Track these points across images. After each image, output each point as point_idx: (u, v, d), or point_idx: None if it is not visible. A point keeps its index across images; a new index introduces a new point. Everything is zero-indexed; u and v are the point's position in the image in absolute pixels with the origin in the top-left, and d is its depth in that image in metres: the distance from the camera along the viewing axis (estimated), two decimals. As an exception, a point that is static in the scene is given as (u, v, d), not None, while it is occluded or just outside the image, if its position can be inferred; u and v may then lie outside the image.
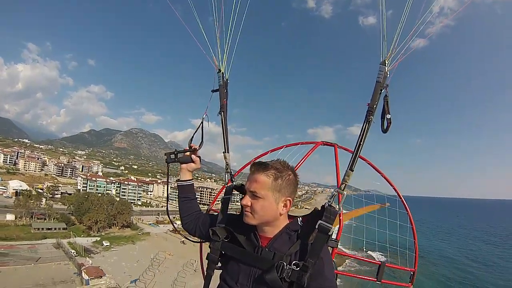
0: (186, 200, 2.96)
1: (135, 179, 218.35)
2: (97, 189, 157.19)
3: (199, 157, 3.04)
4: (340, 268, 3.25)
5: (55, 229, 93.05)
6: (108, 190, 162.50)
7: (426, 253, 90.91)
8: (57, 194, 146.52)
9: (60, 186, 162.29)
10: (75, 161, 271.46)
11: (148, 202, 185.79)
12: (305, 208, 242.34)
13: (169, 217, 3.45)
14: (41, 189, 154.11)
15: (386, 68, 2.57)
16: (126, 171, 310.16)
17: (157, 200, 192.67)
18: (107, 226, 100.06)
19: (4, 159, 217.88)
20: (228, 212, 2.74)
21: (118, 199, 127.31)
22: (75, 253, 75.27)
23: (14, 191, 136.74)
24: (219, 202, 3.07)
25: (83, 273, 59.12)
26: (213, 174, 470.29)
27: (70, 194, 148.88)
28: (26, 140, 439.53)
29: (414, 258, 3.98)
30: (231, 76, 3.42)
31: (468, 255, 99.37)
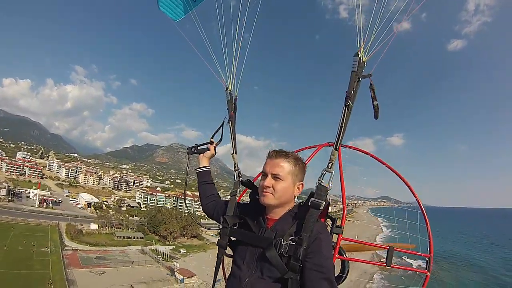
0: (204, 184, 3.46)
1: (191, 194, 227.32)
2: (157, 203, 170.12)
3: (215, 148, 3.68)
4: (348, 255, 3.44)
5: (134, 238, 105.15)
6: (166, 203, 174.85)
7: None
8: (123, 206, 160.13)
9: (125, 199, 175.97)
10: (126, 176, 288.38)
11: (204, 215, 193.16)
12: (348, 220, 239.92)
13: (185, 201, 4.39)
14: (105, 201, 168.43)
15: (362, 58, 2.98)
16: (172, 185, 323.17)
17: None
18: (179, 236, 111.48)
19: (66, 173, 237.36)
20: (239, 202, 3.16)
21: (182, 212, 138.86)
22: (160, 258, 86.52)
23: (87, 203, 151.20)
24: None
25: (176, 273, 69.65)
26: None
27: (132, 207, 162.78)
28: (76, 155, 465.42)
29: (429, 243, 3.83)
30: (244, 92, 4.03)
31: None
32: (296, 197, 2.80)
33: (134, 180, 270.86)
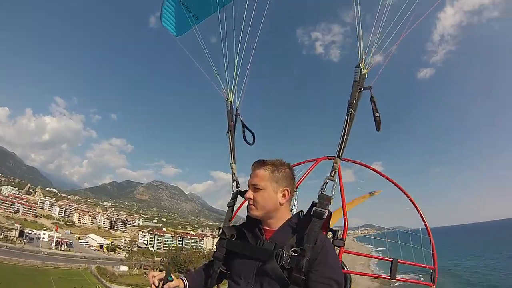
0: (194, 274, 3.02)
1: (195, 234, 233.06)
2: (165, 243, 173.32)
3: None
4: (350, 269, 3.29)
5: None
6: (173, 243, 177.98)
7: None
8: (134, 247, 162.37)
9: (136, 241, 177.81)
10: (118, 215, 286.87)
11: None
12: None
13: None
14: (111, 242, 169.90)
15: (363, 70, 3.05)
16: (160, 224, 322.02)
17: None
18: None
19: (59, 212, 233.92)
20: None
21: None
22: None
23: (99, 244, 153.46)
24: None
25: None
26: (236, 223, 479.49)
27: (141, 247, 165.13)
28: (54, 190, 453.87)
29: (432, 255, 3.82)
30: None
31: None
32: (294, 207, 3.40)
33: (127, 219, 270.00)
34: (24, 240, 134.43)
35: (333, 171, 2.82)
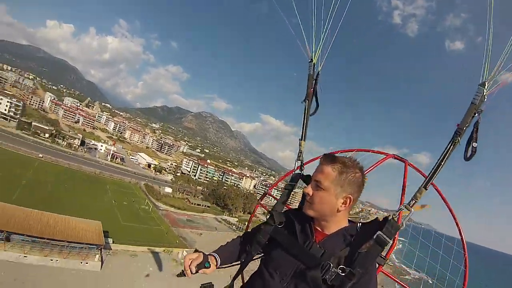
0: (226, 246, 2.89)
1: (236, 171, 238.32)
2: (206, 174, 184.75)
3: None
4: None
5: (203, 206, 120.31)
6: (214, 176, 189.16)
7: None
8: (178, 172, 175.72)
9: (181, 167, 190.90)
10: (165, 138, 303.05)
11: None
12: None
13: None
14: (158, 163, 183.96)
15: (485, 90, 2.48)
16: (203, 155, 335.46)
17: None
18: (240, 210, 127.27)
19: (114, 127, 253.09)
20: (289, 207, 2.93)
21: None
22: (234, 227, 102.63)
23: (147, 163, 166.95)
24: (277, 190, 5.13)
25: None
26: (273, 171, 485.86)
27: (184, 174, 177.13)
28: (109, 105, 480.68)
29: (464, 273, 3.48)
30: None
31: None
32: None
33: (173, 144, 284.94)
34: (85, 149, 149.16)
35: (414, 201, 2.43)
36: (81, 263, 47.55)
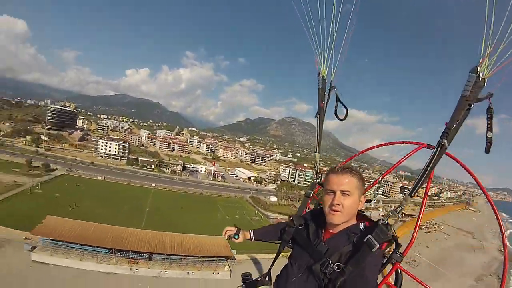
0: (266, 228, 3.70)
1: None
2: (305, 178, 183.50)
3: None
4: None
5: (308, 209, 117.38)
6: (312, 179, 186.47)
7: None
8: (278, 180, 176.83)
9: (280, 175, 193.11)
10: (257, 150, 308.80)
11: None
12: (470, 209, 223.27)
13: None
14: (258, 175, 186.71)
15: (483, 74, 2.10)
16: (296, 159, 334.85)
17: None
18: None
19: (206, 148, 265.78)
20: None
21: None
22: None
23: (247, 177, 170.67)
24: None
25: None
26: (364, 164, 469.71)
27: (284, 181, 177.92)
28: (195, 129, 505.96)
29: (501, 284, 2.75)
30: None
31: None
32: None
33: (265, 154, 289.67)
34: (187, 173, 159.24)
35: (400, 208, 2.64)
36: (213, 273, 53.48)
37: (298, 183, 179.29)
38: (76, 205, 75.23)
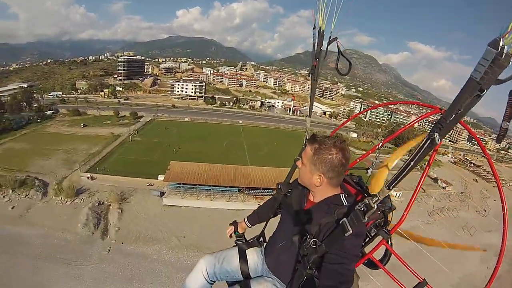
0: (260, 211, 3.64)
1: (402, 110, 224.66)
2: (377, 115, 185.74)
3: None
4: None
5: (387, 148, 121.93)
6: (383, 116, 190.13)
7: None
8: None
9: (354, 110, 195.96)
10: (322, 83, 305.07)
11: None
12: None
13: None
14: (330, 112, 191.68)
15: (507, 49, 1.26)
16: (359, 94, 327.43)
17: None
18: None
19: (274, 82, 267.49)
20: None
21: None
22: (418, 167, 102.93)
23: (322, 111, 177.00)
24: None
25: (439, 181, 78.49)
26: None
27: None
28: (254, 63, 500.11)
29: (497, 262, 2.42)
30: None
31: None
32: None
33: (331, 88, 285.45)
34: (266, 109, 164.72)
35: (376, 198, 1.94)
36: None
37: (369, 119, 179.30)
38: (178, 148, 77.75)
